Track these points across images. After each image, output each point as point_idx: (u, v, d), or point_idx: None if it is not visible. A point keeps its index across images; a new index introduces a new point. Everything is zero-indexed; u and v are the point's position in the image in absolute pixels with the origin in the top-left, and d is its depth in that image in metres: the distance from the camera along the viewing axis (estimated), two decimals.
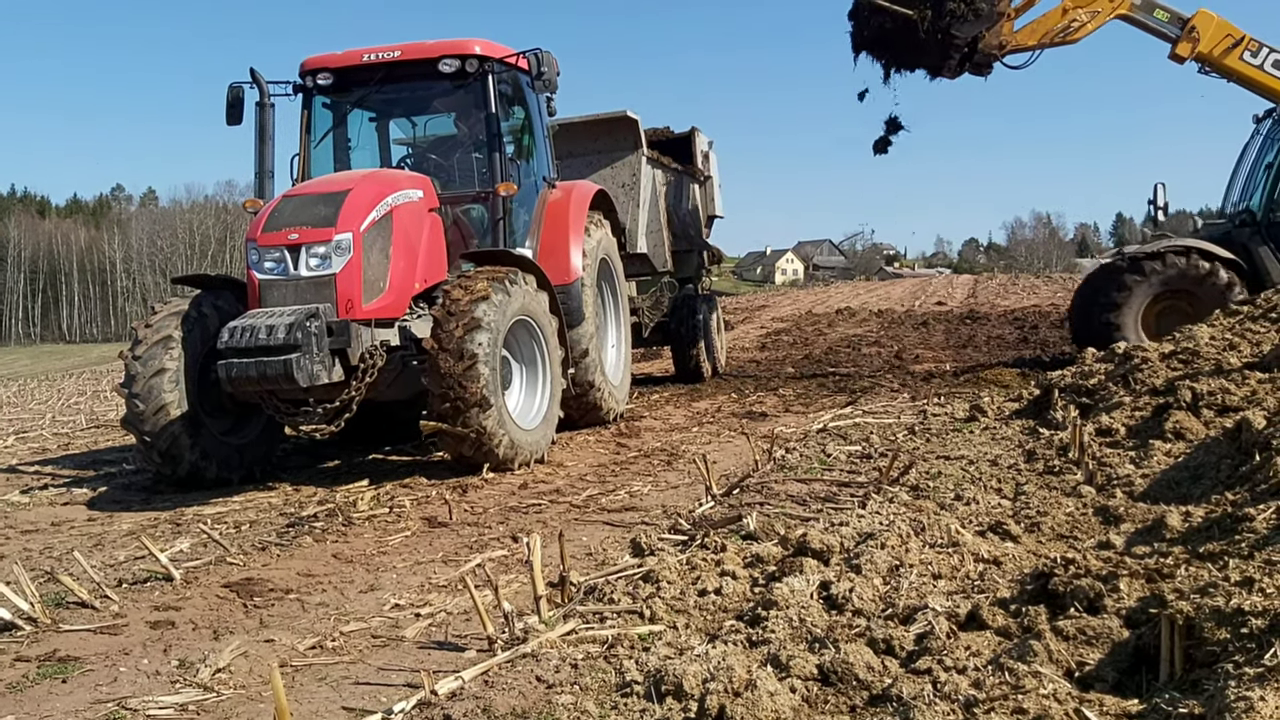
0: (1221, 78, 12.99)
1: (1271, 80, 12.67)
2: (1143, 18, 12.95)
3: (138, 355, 7.96)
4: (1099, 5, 12.89)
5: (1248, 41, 12.68)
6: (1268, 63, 12.68)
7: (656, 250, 13.54)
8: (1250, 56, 12.69)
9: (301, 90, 9.60)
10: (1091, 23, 12.93)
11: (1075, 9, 12.94)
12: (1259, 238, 12.23)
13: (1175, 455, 6.02)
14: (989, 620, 3.58)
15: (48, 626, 4.83)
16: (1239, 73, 12.78)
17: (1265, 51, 12.68)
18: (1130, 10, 12.89)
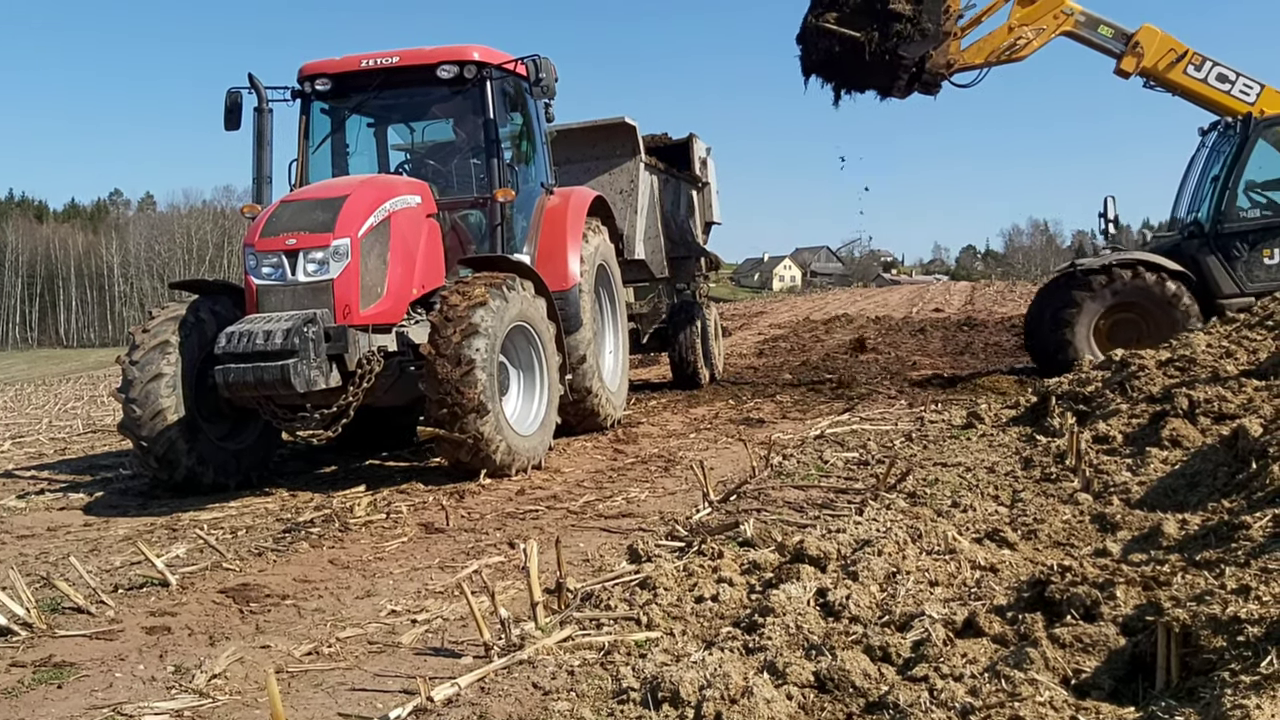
0: (1166, 92, 13.18)
1: (1215, 93, 12.87)
2: (1088, 34, 13.13)
3: (135, 360, 7.95)
4: (1044, 23, 13.06)
5: (1191, 55, 12.87)
6: (1211, 76, 12.86)
7: (654, 256, 13.56)
8: (1194, 70, 12.89)
9: (300, 96, 9.61)
10: (1037, 40, 13.10)
11: (1021, 27, 13.12)
12: (1207, 249, 12.38)
13: (1172, 463, 6.02)
14: (986, 628, 3.58)
15: (43, 632, 4.82)
16: (1183, 86, 12.99)
17: (1208, 65, 12.87)
18: (1075, 27, 13.09)
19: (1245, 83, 12.76)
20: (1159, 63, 12.86)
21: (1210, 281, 12.24)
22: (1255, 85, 12.75)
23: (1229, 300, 12.04)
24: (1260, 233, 12.25)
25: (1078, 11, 13.04)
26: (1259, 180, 12.57)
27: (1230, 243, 12.25)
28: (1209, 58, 12.88)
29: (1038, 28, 13.05)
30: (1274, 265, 12.14)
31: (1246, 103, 12.69)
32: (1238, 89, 12.75)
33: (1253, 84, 12.76)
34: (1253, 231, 12.27)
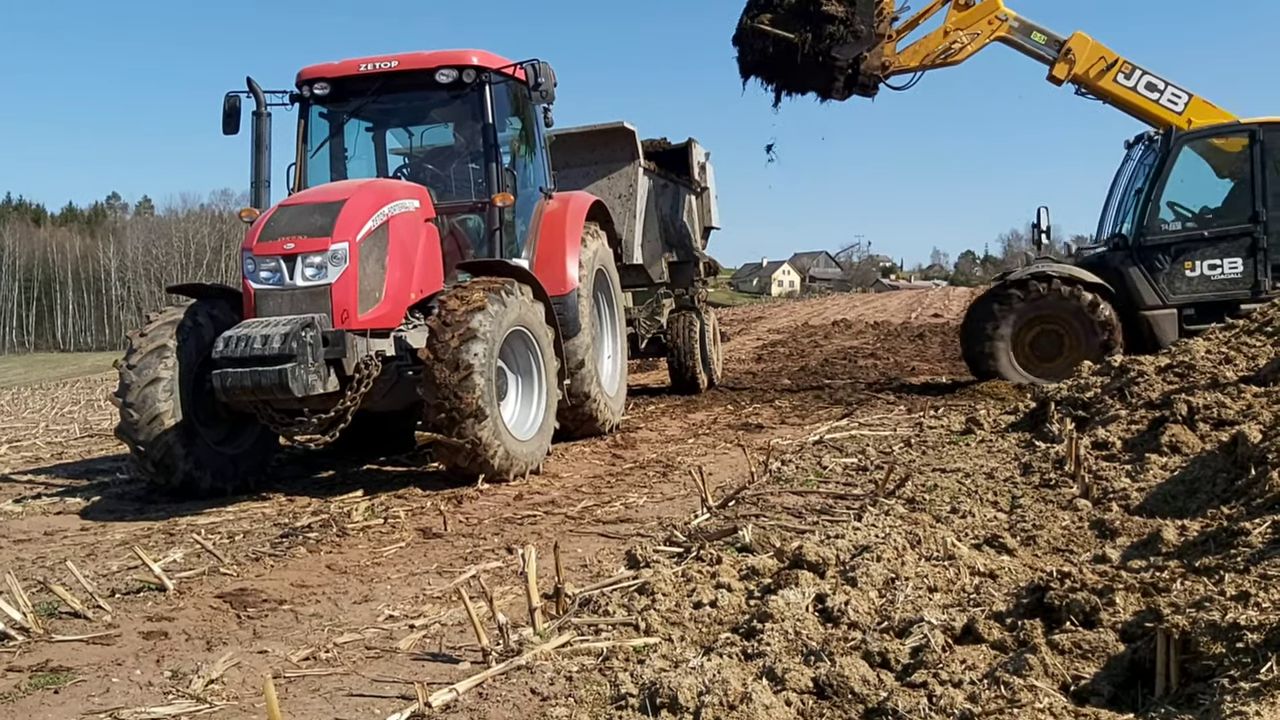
0: (1097, 99, 13.32)
1: (1144, 102, 13.01)
2: (1021, 40, 13.28)
3: (132, 364, 7.94)
4: (979, 28, 13.23)
5: (1121, 64, 13.02)
6: (1140, 84, 13.01)
7: (653, 261, 13.55)
8: (1124, 79, 13.04)
9: (298, 100, 9.61)
10: (972, 45, 13.28)
11: (956, 31, 13.30)
12: (1130, 261, 12.53)
13: (1171, 469, 6.02)
14: (985, 633, 3.58)
15: (40, 636, 4.81)
16: (1113, 94, 13.14)
17: (1138, 74, 13.02)
18: (1009, 33, 13.24)
19: (1174, 92, 12.94)
20: (1090, 70, 13.05)
21: (1133, 293, 12.44)
22: (1183, 95, 12.94)
23: (1151, 312, 12.30)
24: (1182, 245, 12.43)
25: (1012, 17, 13.21)
26: (1181, 194, 12.74)
27: (1152, 255, 12.43)
28: (1139, 66, 13.06)
29: (972, 32, 13.27)
30: (1195, 277, 12.35)
31: (1174, 112, 12.88)
32: (1166, 98, 12.95)
33: (1181, 93, 12.94)
34: (1174, 244, 12.45)
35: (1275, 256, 12.14)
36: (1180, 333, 12.05)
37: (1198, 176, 12.79)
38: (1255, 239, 12.15)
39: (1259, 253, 12.12)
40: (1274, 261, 12.13)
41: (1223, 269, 12.25)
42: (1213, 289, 12.27)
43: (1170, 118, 12.85)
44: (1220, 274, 12.26)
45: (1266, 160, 12.17)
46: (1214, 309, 12.03)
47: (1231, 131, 12.56)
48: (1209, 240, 12.35)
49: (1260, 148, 12.16)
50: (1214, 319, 11.67)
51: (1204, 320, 11.87)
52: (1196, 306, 12.25)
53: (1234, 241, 12.24)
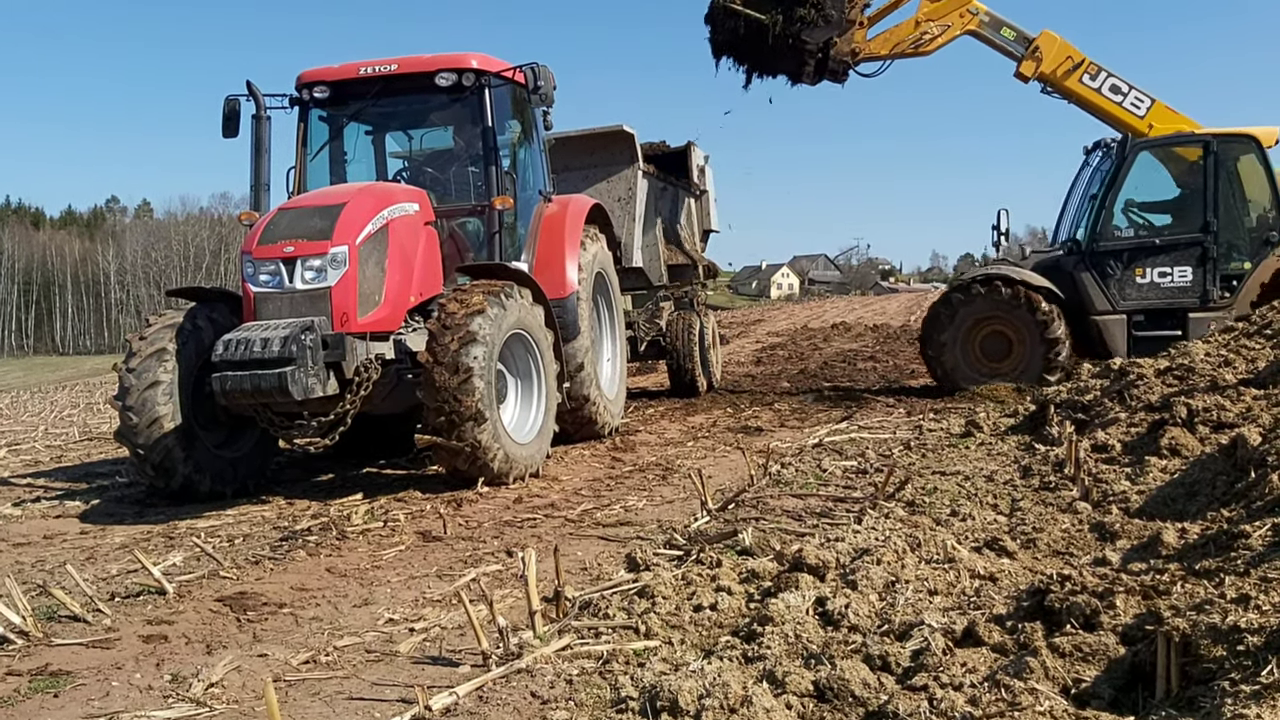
0: (1063, 99, 13.40)
1: (1108, 104, 13.10)
2: (991, 35, 13.37)
3: (132, 368, 7.93)
4: (950, 19, 13.31)
5: (1087, 65, 13.11)
6: (1105, 86, 13.09)
7: (652, 264, 13.56)
8: (1089, 79, 13.12)
9: (298, 103, 9.61)
10: (942, 36, 13.36)
11: (927, 22, 13.38)
12: (1083, 266, 12.67)
13: (1171, 471, 6.02)
14: (985, 637, 3.58)
15: (40, 640, 4.80)
16: (1078, 95, 13.22)
17: (1104, 75, 13.10)
18: (979, 27, 13.33)
19: (1137, 96, 13.04)
20: (1056, 69, 13.13)
21: (1085, 298, 12.60)
22: (1146, 100, 13.03)
23: (1101, 317, 12.46)
24: (1133, 252, 12.56)
25: (983, 11, 13.31)
26: (1137, 200, 12.89)
27: (1104, 260, 12.58)
28: (1105, 68, 13.14)
29: (943, 24, 13.34)
30: (1145, 284, 12.48)
31: (1137, 116, 12.98)
32: (1129, 101, 13.05)
33: (1144, 98, 13.03)
34: (1126, 250, 12.58)
35: (1225, 266, 12.30)
36: (1129, 338, 12.33)
37: (1153, 184, 12.95)
38: (1206, 249, 12.29)
39: (1209, 262, 12.28)
40: (1223, 271, 12.29)
41: (1173, 277, 12.41)
42: (1162, 297, 12.44)
43: (1133, 121, 13.01)
44: (1170, 282, 12.42)
45: (1219, 171, 12.33)
46: (1163, 316, 12.30)
47: (1186, 141, 12.69)
48: (1160, 248, 12.50)
49: (1214, 158, 12.30)
50: (1163, 326, 12.13)
51: (1153, 327, 12.26)
52: (1146, 313, 12.44)
53: (1185, 250, 12.40)
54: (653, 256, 13.55)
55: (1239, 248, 12.34)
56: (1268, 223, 12.30)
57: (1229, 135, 12.44)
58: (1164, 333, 12.20)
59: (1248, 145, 12.36)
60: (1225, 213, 12.30)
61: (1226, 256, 12.28)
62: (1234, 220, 12.40)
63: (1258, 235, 12.33)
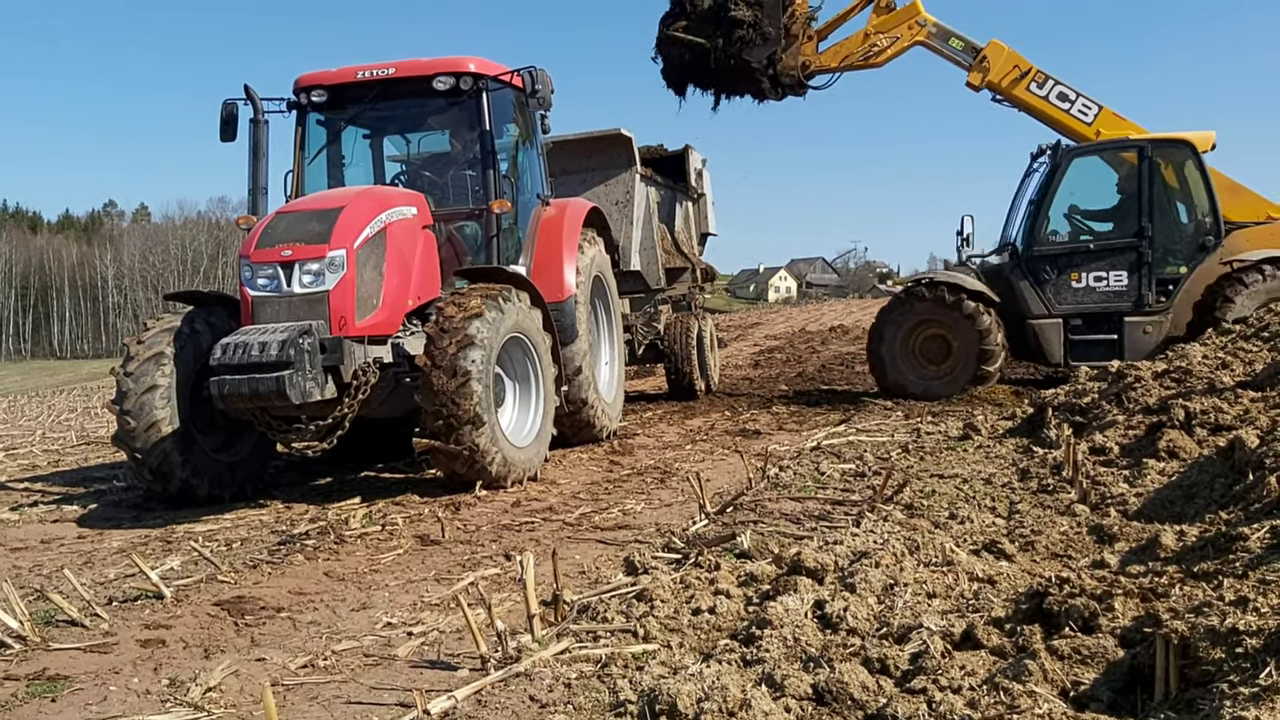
0: (1013, 107, 13.61)
1: (1055, 111, 13.33)
2: (940, 46, 13.67)
3: (129, 372, 7.93)
4: (899, 32, 13.66)
5: (1034, 73, 13.35)
6: (1052, 94, 13.35)
7: (650, 268, 13.56)
8: (1036, 88, 13.38)
9: (296, 107, 9.62)
10: (891, 48, 13.71)
11: (876, 35, 13.73)
12: (1019, 271, 12.85)
13: (1169, 474, 6.02)
14: (984, 639, 3.57)
15: (37, 645, 4.79)
16: (1026, 103, 13.46)
17: (1051, 84, 13.35)
18: (928, 38, 13.64)
19: (1084, 103, 13.26)
20: (1004, 79, 13.41)
21: (1021, 302, 12.75)
22: (1094, 106, 13.25)
23: (1037, 321, 12.63)
24: (1068, 257, 12.71)
25: (930, 23, 13.58)
26: (1075, 205, 13.03)
27: (1040, 265, 12.74)
28: (1052, 76, 13.37)
29: (892, 36, 13.69)
30: (1081, 289, 12.61)
31: (1084, 122, 13.20)
32: (1076, 109, 13.27)
33: (1091, 105, 13.25)
34: (1061, 255, 12.74)
35: (1160, 271, 12.43)
36: (1065, 342, 12.52)
37: (1092, 190, 13.08)
38: (1141, 253, 12.41)
39: (1144, 267, 12.41)
40: (1159, 276, 12.42)
41: (1108, 282, 12.55)
42: (1097, 301, 12.58)
43: (1080, 128, 13.22)
44: (1105, 286, 12.55)
45: (1154, 176, 12.46)
46: (1099, 320, 12.46)
47: (1120, 147, 12.85)
48: (1096, 253, 12.65)
49: (1148, 164, 12.44)
50: (1099, 331, 12.33)
51: (1090, 331, 12.43)
52: (1082, 317, 12.59)
53: (1120, 255, 12.53)
54: (650, 260, 13.56)
55: (1175, 252, 12.50)
56: (1204, 227, 12.45)
57: (1164, 140, 12.62)
58: (1100, 336, 12.45)
59: (1183, 150, 12.54)
60: (1161, 217, 12.46)
61: (1162, 261, 12.44)
62: (1170, 225, 12.56)
63: (1193, 240, 12.49)
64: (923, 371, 12.85)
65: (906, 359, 12.91)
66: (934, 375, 12.76)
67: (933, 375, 12.77)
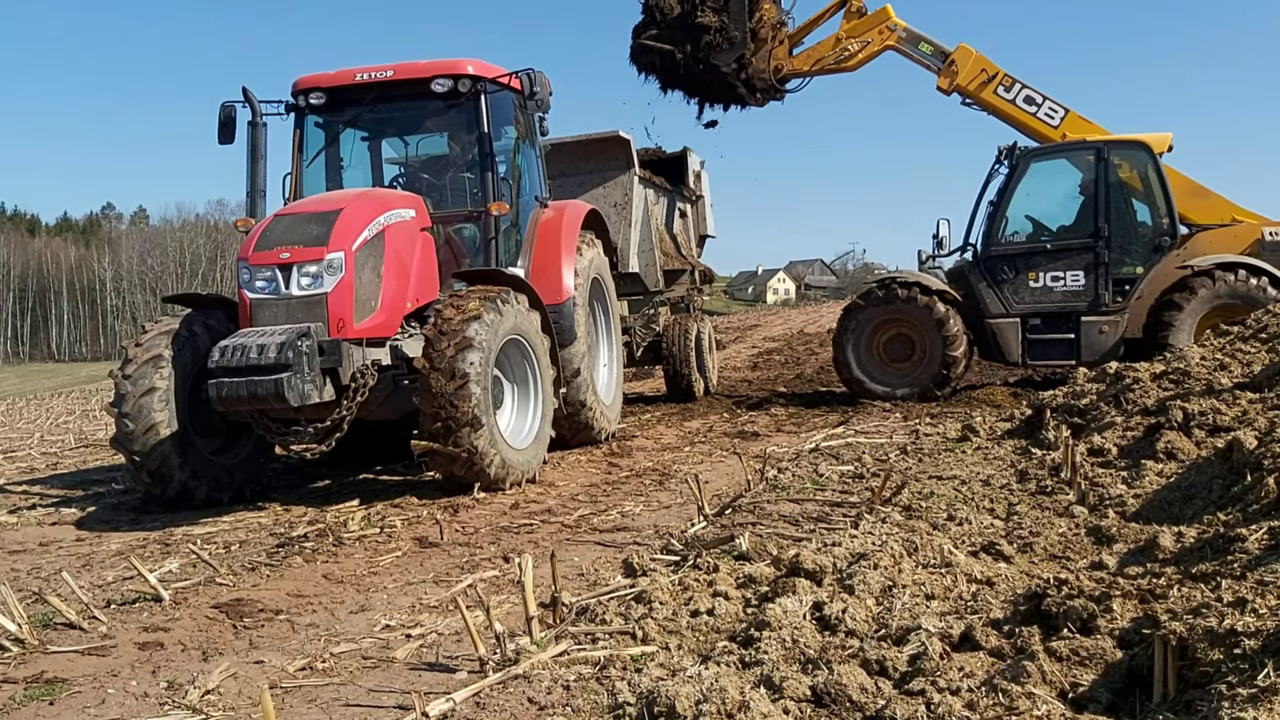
0: (982, 110, 13.82)
1: (1022, 115, 13.53)
2: (909, 50, 13.91)
3: (128, 374, 7.93)
4: (870, 36, 13.94)
5: (1001, 77, 13.58)
6: (1019, 98, 13.56)
7: (648, 270, 13.57)
8: (1003, 91, 13.60)
9: (294, 109, 9.62)
10: (862, 52, 13.98)
11: (848, 39, 13.99)
12: (978, 272, 13.00)
13: (1167, 475, 6.03)
14: (982, 641, 3.57)
15: (35, 648, 4.79)
16: (994, 106, 13.67)
17: (1018, 87, 13.57)
18: (898, 43, 13.90)
19: (1051, 106, 13.45)
20: (971, 82, 13.63)
21: (980, 302, 12.89)
22: (1060, 110, 13.44)
23: (996, 320, 12.77)
24: (1025, 257, 12.84)
25: (901, 28, 13.82)
26: (1034, 206, 13.18)
27: (998, 265, 12.89)
28: (1019, 80, 13.57)
29: (863, 40, 13.95)
30: (1039, 289, 12.74)
31: (1051, 125, 13.41)
32: (1043, 112, 13.47)
33: (1058, 108, 13.44)
34: (1019, 256, 12.87)
35: (1117, 271, 12.54)
36: (1023, 342, 12.66)
37: (1051, 191, 13.23)
38: (1097, 254, 12.52)
39: (1100, 267, 12.52)
40: (1114, 275, 12.54)
41: (1065, 281, 12.68)
42: (1054, 300, 12.70)
43: (1047, 131, 13.40)
44: (1063, 286, 12.69)
45: (1110, 178, 12.57)
46: (1057, 319, 12.60)
47: (1077, 149, 12.97)
48: (1053, 253, 12.76)
49: (1104, 165, 12.55)
50: (1057, 330, 12.49)
51: (1048, 331, 12.58)
52: (1040, 316, 12.70)
53: (1077, 255, 12.65)
54: (649, 262, 13.57)
55: (1131, 253, 12.61)
56: (1160, 228, 12.55)
57: (1121, 142, 12.77)
58: (1057, 336, 12.59)
59: (1140, 152, 12.66)
60: (1117, 218, 12.58)
61: (1119, 261, 12.55)
62: (1126, 226, 12.68)
63: (1150, 240, 12.59)
64: (887, 371, 13.01)
65: (871, 359, 13.06)
66: (898, 375, 12.93)
67: (897, 375, 12.93)
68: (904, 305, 12.76)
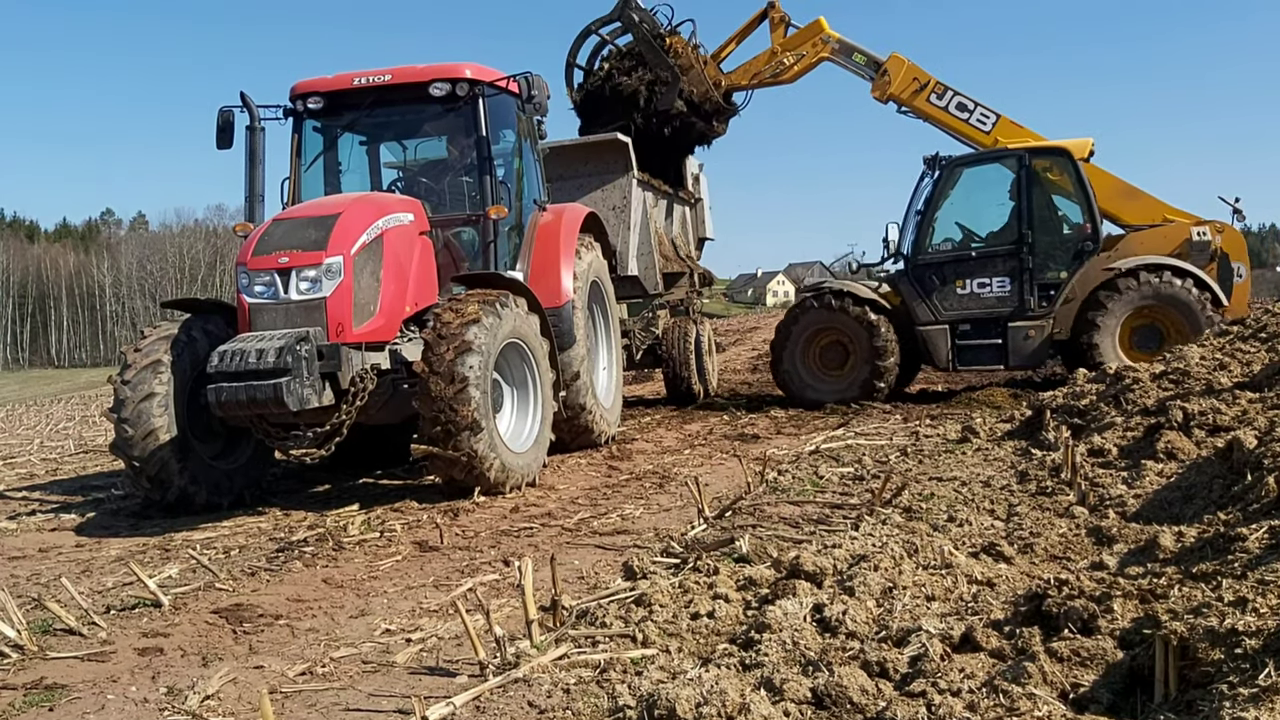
0: (917, 118, 14.06)
1: (955, 121, 13.79)
2: (844, 61, 14.26)
3: (127, 380, 7.92)
4: (804, 49, 14.31)
5: (934, 85, 13.87)
6: (951, 105, 13.82)
7: (647, 273, 13.57)
8: (936, 99, 13.88)
9: (292, 114, 9.61)
10: (798, 65, 14.35)
11: (784, 53, 14.34)
12: (907, 280, 13.20)
13: (1167, 475, 6.02)
14: (983, 642, 3.57)
15: (35, 654, 4.78)
16: (927, 113, 13.94)
17: (950, 94, 13.84)
18: (832, 54, 14.24)
19: (982, 113, 13.69)
20: (904, 91, 13.90)
21: (910, 309, 13.10)
22: (991, 115, 13.67)
23: (925, 327, 13.00)
24: (953, 265, 13.02)
25: (834, 39, 14.17)
26: (961, 214, 13.36)
27: (926, 273, 13.12)
28: (950, 87, 13.84)
29: (798, 53, 14.30)
30: (966, 295, 12.97)
31: (982, 131, 13.65)
32: (975, 118, 13.72)
33: (989, 114, 13.67)
34: (947, 263, 13.05)
35: (1041, 276, 12.72)
36: (952, 348, 12.86)
37: (979, 199, 13.38)
38: (1021, 260, 12.70)
39: (1025, 273, 12.69)
40: (1040, 281, 12.71)
41: (991, 288, 12.88)
42: (982, 307, 12.89)
43: (979, 137, 13.62)
44: (989, 292, 12.90)
45: (1032, 185, 12.75)
46: (985, 325, 12.79)
47: (999, 157, 13.15)
48: (978, 261, 12.95)
49: (1026, 172, 12.73)
50: (985, 336, 12.70)
51: (976, 336, 12.78)
52: (968, 322, 12.90)
53: (1002, 262, 12.84)
54: (648, 265, 13.57)
55: (1055, 258, 12.76)
56: (1084, 233, 12.71)
57: (1042, 149, 12.96)
58: (985, 341, 12.79)
59: (1061, 158, 12.83)
60: (1040, 225, 12.74)
61: (1043, 267, 12.72)
62: (1049, 232, 12.84)
63: (1073, 245, 12.74)
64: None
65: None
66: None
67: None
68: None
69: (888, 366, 12.82)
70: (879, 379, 12.84)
